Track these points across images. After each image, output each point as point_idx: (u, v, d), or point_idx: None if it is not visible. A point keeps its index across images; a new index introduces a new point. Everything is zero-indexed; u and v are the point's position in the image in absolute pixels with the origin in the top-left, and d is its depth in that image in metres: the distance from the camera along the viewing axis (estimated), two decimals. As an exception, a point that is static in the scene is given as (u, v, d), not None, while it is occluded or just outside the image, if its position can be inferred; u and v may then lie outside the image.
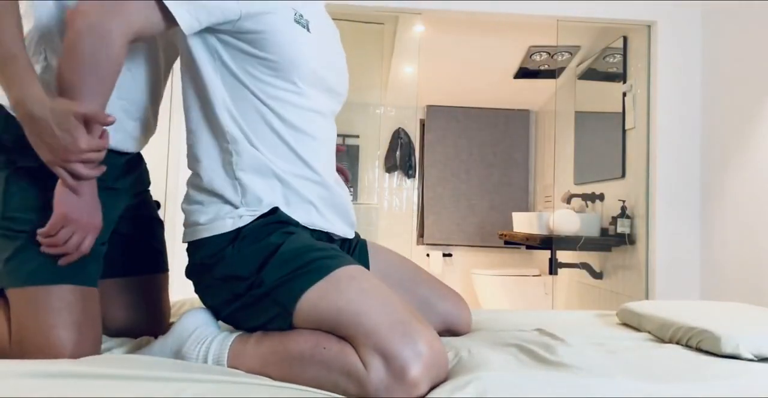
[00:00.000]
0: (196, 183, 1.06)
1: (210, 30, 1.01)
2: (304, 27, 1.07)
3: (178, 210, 2.41)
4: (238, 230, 1.00)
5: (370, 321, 0.86)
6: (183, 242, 1.06)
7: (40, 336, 0.94)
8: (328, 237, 1.13)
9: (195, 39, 1.02)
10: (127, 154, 1.13)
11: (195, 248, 1.04)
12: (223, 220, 1.01)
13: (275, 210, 1.03)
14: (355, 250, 1.22)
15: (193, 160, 1.07)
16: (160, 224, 1.29)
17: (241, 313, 0.99)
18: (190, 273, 1.06)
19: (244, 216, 1.01)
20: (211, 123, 1.05)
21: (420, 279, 1.24)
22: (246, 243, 0.99)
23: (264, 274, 0.95)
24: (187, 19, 0.95)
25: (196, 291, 1.06)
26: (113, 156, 1.06)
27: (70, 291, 0.98)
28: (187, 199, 1.08)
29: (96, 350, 1.00)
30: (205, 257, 1.01)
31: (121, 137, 1.09)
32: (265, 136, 1.04)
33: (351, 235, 1.21)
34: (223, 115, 1.03)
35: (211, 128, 1.05)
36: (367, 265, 1.21)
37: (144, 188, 1.24)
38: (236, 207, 1.02)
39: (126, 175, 1.14)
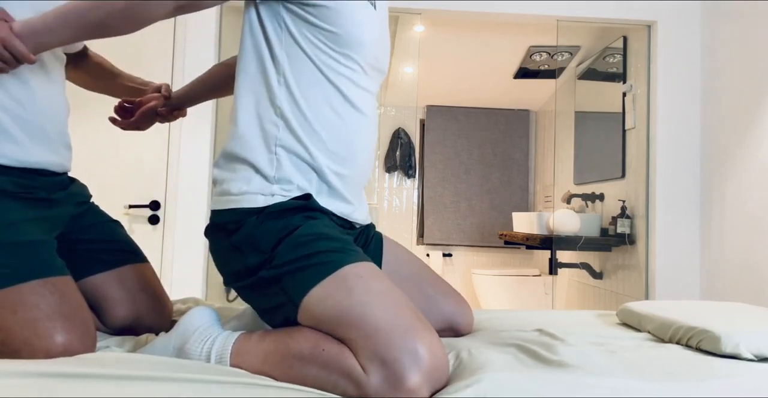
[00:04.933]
0: (230, 150, 1.05)
1: None
2: (372, 4, 1.07)
3: (178, 211, 2.41)
4: (267, 205, 1.00)
5: (371, 324, 0.85)
6: (211, 208, 1.06)
7: (26, 330, 0.93)
8: (350, 224, 1.13)
9: (262, 5, 1.02)
10: (54, 174, 1.16)
11: (220, 212, 1.03)
12: (255, 195, 1.00)
13: (308, 196, 1.03)
14: (371, 243, 1.22)
15: (234, 125, 1.06)
16: (116, 224, 1.31)
17: (249, 292, 1.00)
18: (209, 231, 1.06)
19: (276, 195, 1.00)
20: (263, 93, 1.03)
21: (427, 278, 1.25)
22: (270, 217, 0.98)
23: (276, 253, 0.95)
24: None
25: (211, 251, 1.07)
26: (41, 177, 1.12)
27: (42, 285, 0.98)
28: (219, 165, 1.07)
29: (89, 335, 0.99)
30: (228, 222, 1.01)
31: (57, 160, 1.15)
32: (320, 110, 1.03)
33: (368, 220, 1.21)
34: (279, 88, 1.02)
35: (262, 98, 1.03)
36: (380, 259, 1.22)
37: (84, 199, 1.27)
38: (268, 181, 1.01)
39: (59, 190, 1.17)
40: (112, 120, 1.35)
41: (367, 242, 1.21)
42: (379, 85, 1.17)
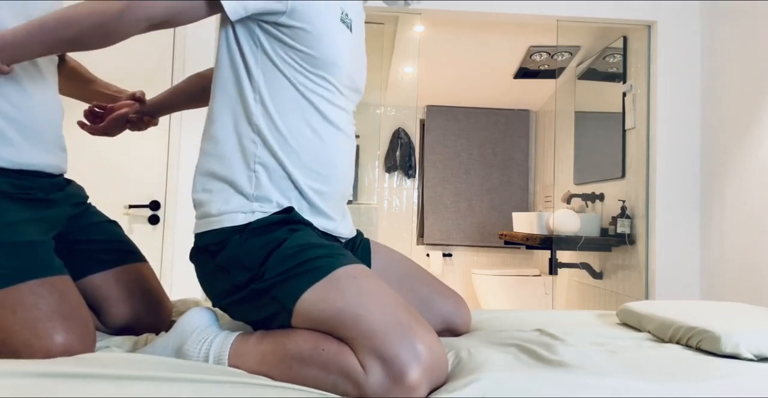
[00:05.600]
0: (208, 168, 1.04)
1: (253, 18, 1.01)
2: (347, 27, 1.08)
3: (178, 211, 2.41)
4: (248, 223, 1.00)
5: (368, 323, 0.85)
6: (194, 232, 1.05)
7: (25, 330, 0.93)
8: (335, 238, 1.13)
9: (238, 24, 1.03)
10: (51, 176, 1.16)
11: (202, 234, 1.03)
12: (235, 214, 1.00)
13: (290, 209, 1.03)
14: (359, 249, 1.22)
15: (210, 143, 1.05)
16: (114, 224, 1.31)
17: (239, 306, 0.99)
18: (193, 255, 1.06)
19: (257, 212, 1.00)
20: (240, 110, 1.03)
21: (421, 278, 1.24)
22: (253, 234, 0.98)
23: (266, 268, 0.94)
24: (233, 4, 0.96)
25: (197, 275, 1.06)
26: (38, 179, 1.12)
27: (40, 285, 0.98)
28: (196, 188, 1.06)
29: (88, 335, 0.99)
30: (211, 243, 1.00)
31: (54, 162, 1.15)
32: (297, 128, 1.03)
33: (354, 233, 1.21)
34: (255, 105, 1.02)
35: (239, 115, 1.03)
36: (369, 264, 1.22)
37: (81, 199, 1.27)
38: (248, 199, 1.01)
39: (56, 191, 1.17)
40: (81, 124, 1.34)
41: (354, 248, 1.21)
42: (355, 104, 1.18)
